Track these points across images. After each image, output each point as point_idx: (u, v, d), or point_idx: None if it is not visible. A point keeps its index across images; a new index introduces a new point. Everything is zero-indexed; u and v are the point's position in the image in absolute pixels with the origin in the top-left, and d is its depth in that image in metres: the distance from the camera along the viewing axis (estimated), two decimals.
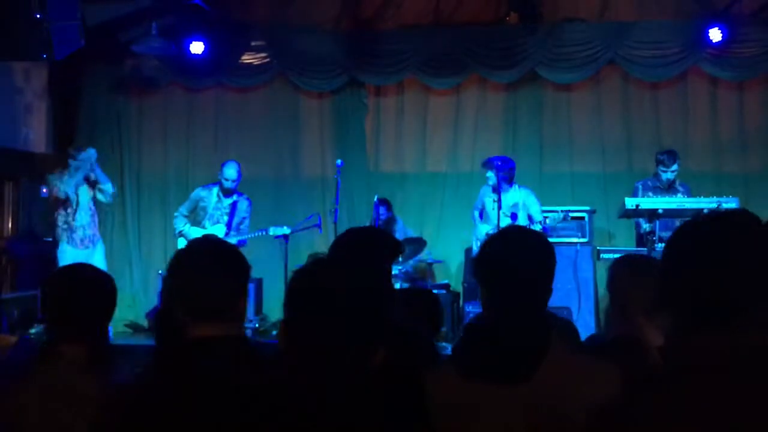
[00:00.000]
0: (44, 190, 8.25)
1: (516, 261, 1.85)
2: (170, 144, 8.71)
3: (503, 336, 1.76)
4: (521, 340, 1.75)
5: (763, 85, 7.92)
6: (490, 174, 6.53)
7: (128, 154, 8.66)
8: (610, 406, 1.36)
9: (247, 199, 7.05)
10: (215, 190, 6.93)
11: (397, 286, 6.81)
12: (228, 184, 6.86)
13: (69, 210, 6.73)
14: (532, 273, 1.86)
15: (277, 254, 7.27)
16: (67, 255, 6.68)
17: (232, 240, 6.77)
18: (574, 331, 2.70)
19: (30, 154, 8.10)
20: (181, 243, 6.97)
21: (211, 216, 6.88)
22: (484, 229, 6.61)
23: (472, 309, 6.54)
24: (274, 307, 7.62)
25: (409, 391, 1.75)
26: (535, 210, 6.60)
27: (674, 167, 6.42)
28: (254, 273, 7.71)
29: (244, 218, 6.99)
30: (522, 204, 6.61)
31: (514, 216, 6.49)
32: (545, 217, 6.55)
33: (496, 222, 6.23)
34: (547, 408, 1.67)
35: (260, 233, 6.90)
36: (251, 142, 8.59)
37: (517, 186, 6.69)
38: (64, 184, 6.73)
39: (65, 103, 8.43)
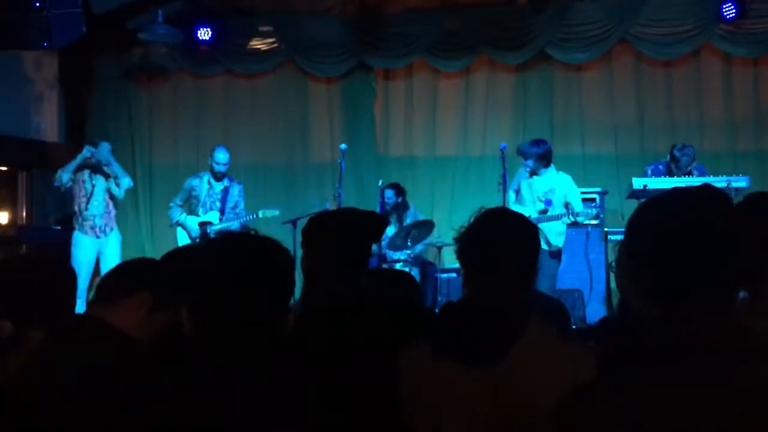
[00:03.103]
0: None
1: (496, 243, 1.82)
2: (180, 131, 8.74)
3: (477, 317, 1.74)
4: (494, 323, 1.72)
5: None
6: (528, 162, 6.14)
7: (139, 141, 8.70)
8: (591, 386, 1.32)
9: (239, 183, 7.03)
10: (206, 177, 6.90)
11: (407, 269, 6.79)
12: (219, 168, 6.82)
13: (82, 198, 6.76)
14: (512, 255, 1.82)
15: (286, 241, 7.27)
16: (81, 243, 6.74)
17: (232, 225, 6.75)
18: (563, 314, 2.66)
19: (42, 143, 8.16)
20: (180, 233, 6.96)
21: (203, 203, 6.85)
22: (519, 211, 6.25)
23: None
24: None
25: (382, 367, 1.74)
26: (575, 199, 6.12)
27: (689, 167, 6.28)
28: None
29: (237, 202, 6.96)
30: (558, 191, 6.16)
31: (548, 202, 6.11)
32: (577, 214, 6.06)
33: (531, 206, 6.09)
34: (515, 392, 1.65)
35: (251, 216, 6.87)
36: (260, 127, 8.60)
37: (554, 170, 6.23)
38: (63, 171, 6.75)
39: (76, 92, 8.47)
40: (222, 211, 6.87)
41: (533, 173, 6.15)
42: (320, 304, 2.02)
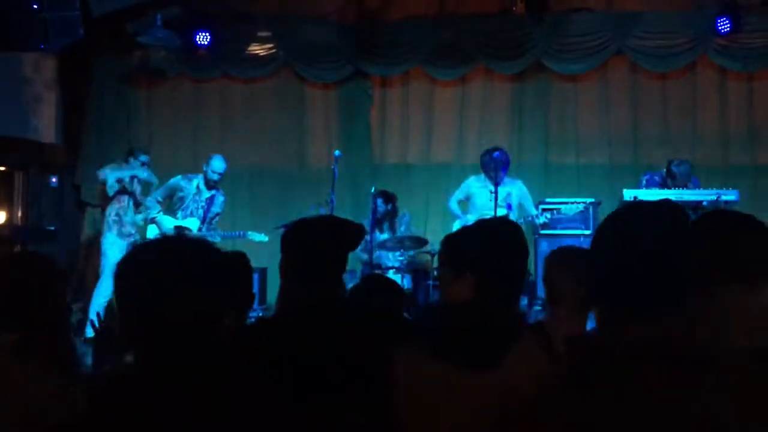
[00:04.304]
0: (54, 180, 8.38)
1: (495, 251, 1.86)
2: (178, 135, 8.77)
3: (476, 320, 1.76)
4: (494, 326, 1.75)
5: None
6: (504, 169, 6.67)
7: (136, 144, 8.67)
8: (543, 395, 1.37)
9: (223, 195, 6.95)
10: (195, 181, 6.79)
11: (399, 276, 6.81)
12: (213, 176, 6.73)
13: (123, 203, 6.93)
14: (510, 263, 1.87)
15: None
16: (116, 245, 6.82)
17: (214, 237, 6.61)
18: None
19: (39, 144, 8.20)
20: (152, 230, 6.85)
21: (186, 207, 6.76)
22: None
23: None
24: None
25: (373, 370, 1.77)
26: (529, 203, 6.78)
27: (685, 182, 6.40)
28: (258, 263, 7.70)
29: (217, 213, 6.87)
30: (515, 195, 6.73)
31: (509, 206, 6.55)
32: (557, 209, 6.57)
33: (492, 214, 6.22)
34: (509, 398, 1.67)
35: (238, 234, 6.81)
36: (257, 132, 8.64)
37: (507, 178, 6.82)
38: (111, 170, 6.98)
39: (74, 94, 8.51)
40: (203, 220, 6.76)
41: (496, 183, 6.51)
42: (294, 308, 2.05)
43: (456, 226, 6.96)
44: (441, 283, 2.05)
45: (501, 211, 6.37)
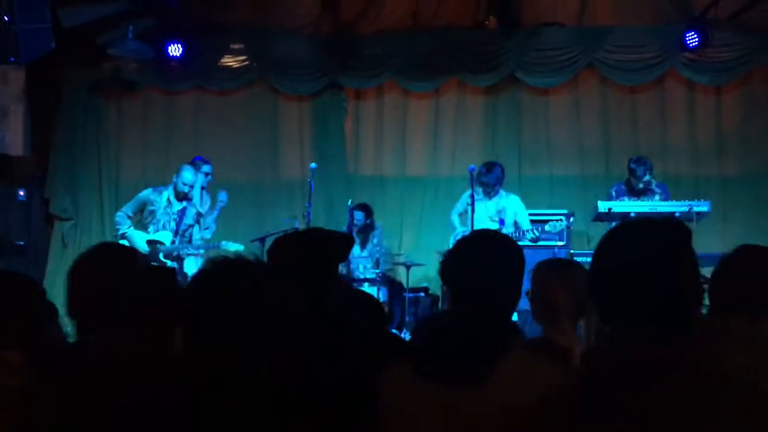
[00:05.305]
0: (21, 193, 8.20)
1: (482, 265, 1.84)
2: (149, 147, 8.67)
3: (459, 338, 1.75)
4: (477, 344, 1.73)
5: (739, 88, 7.98)
6: (495, 185, 6.77)
7: (106, 156, 8.62)
8: (568, 401, 1.37)
9: (194, 206, 6.79)
10: (166, 194, 6.65)
11: (374, 289, 6.80)
12: (182, 188, 6.58)
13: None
14: (498, 278, 1.85)
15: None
16: None
17: (188, 250, 6.52)
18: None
19: (6, 157, 8.04)
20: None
21: (157, 221, 6.61)
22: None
23: None
24: None
25: (349, 389, 1.75)
26: (523, 218, 6.73)
27: (646, 177, 6.46)
28: None
29: (190, 226, 6.73)
30: (509, 210, 6.70)
31: (501, 222, 6.52)
32: (542, 228, 6.55)
33: (485, 226, 6.23)
34: (497, 414, 1.66)
35: (212, 246, 6.69)
36: (230, 145, 8.56)
37: (503, 192, 6.82)
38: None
39: (43, 106, 8.37)
40: (176, 233, 6.62)
41: (488, 195, 6.60)
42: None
43: (451, 239, 6.99)
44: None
45: (494, 225, 6.39)
